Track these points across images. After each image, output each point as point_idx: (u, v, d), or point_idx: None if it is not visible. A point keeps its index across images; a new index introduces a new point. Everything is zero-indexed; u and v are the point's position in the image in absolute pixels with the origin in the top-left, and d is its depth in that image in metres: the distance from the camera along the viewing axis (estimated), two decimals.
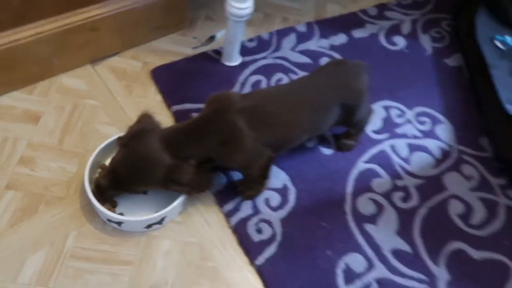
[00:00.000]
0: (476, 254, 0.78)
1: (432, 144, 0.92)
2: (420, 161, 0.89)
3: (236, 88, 0.93)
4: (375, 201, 0.82)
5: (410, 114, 0.97)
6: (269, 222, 0.76)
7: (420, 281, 0.73)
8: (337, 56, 1.04)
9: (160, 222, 0.71)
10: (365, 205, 0.81)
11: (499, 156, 0.91)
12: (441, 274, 0.74)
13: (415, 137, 0.93)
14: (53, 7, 0.80)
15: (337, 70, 0.78)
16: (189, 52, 0.98)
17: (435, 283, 0.73)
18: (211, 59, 0.97)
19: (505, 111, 0.92)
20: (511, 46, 1.11)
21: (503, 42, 1.12)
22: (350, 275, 0.72)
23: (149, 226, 0.70)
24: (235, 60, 0.96)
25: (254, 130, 0.67)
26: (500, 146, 0.92)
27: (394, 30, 1.14)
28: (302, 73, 0.99)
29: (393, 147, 0.90)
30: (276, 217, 0.77)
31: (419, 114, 0.97)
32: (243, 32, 0.91)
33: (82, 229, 0.70)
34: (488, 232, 0.81)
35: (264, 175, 0.74)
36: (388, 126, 0.94)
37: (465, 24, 1.16)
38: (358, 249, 0.75)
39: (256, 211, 0.77)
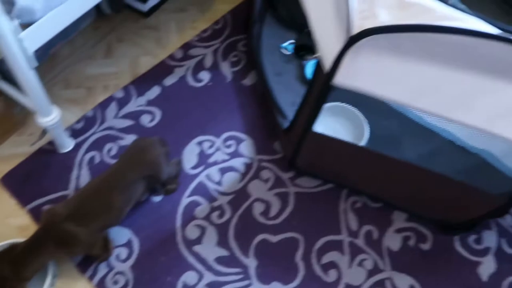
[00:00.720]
0: (274, 238, 1.11)
1: (238, 162, 1.22)
2: (229, 180, 1.19)
3: (74, 171, 1.16)
4: (199, 226, 1.12)
5: (218, 142, 1.25)
6: (122, 273, 1.04)
7: (237, 273, 1.06)
8: (155, 110, 1.29)
9: None
10: (192, 232, 1.11)
11: (285, 155, 1.23)
12: (251, 263, 1.08)
13: (224, 160, 1.22)
14: None
15: (134, 150, 1.03)
16: (29, 149, 1.18)
17: (248, 271, 1.07)
18: (48, 151, 1.19)
19: (283, 116, 1.22)
20: (292, 52, 1.40)
21: (286, 49, 1.40)
22: None
23: None
24: (67, 146, 1.18)
25: (83, 226, 0.92)
26: (283, 146, 1.23)
27: (199, 67, 1.39)
28: (128, 136, 1.23)
29: (208, 176, 1.19)
30: (126, 266, 1.05)
31: (226, 139, 1.26)
32: (62, 127, 1.12)
33: None
34: (282, 219, 1.14)
35: (106, 248, 1.01)
36: (202, 159, 1.22)
37: (255, 39, 1.41)
38: (190, 267, 1.06)
39: (111, 268, 1.04)
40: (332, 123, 1.25)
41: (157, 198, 1.15)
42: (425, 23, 0.64)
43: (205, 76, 1.37)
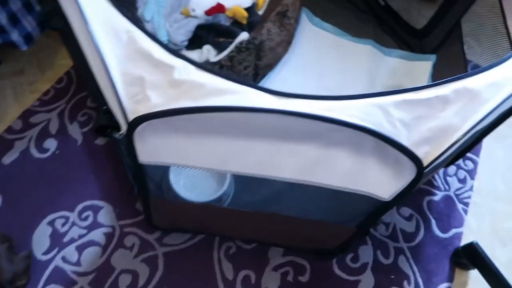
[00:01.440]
0: None
1: (97, 234, 1.15)
2: (89, 257, 1.11)
3: None
4: None
5: (73, 216, 1.16)
6: None
7: None
8: None
9: None
10: None
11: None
12: None
13: (81, 236, 1.14)
14: None
15: None
16: None
17: None
18: None
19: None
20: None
21: None
22: None
23: None
24: None
25: None
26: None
27: (43, 135, 1.29)
28: None
29: (64, 258, 1.11)
30: None
31: (82, 211, 1.18)
32: None
33: None
34: (152, 286, 1.09)
35: None
36: (56, 240, 1.13)
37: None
38: None
39: None
40: (195, 171, 1.20)
41: None
42: (191, 104, 0.61)
43: (51, 144, 1.27)
